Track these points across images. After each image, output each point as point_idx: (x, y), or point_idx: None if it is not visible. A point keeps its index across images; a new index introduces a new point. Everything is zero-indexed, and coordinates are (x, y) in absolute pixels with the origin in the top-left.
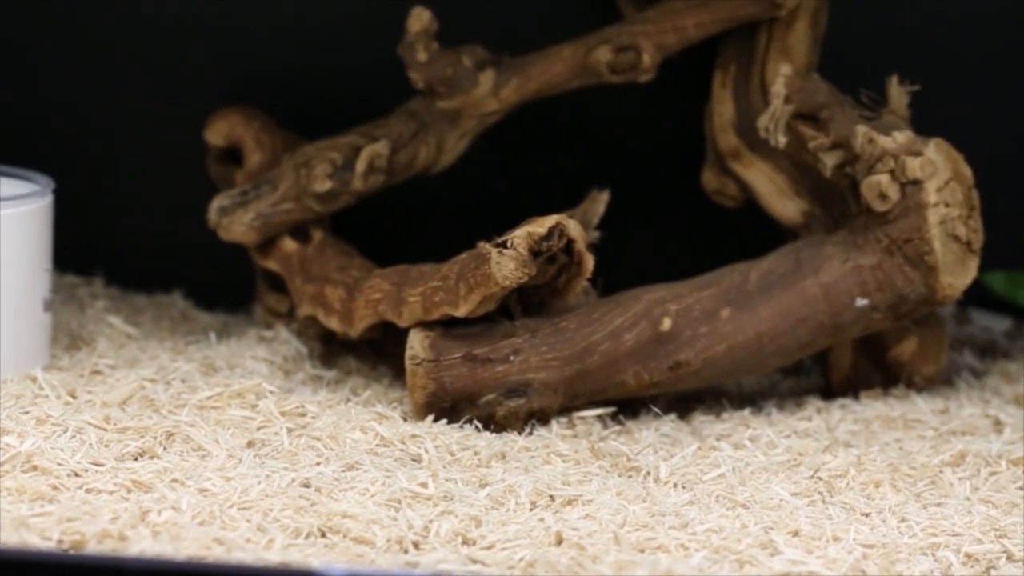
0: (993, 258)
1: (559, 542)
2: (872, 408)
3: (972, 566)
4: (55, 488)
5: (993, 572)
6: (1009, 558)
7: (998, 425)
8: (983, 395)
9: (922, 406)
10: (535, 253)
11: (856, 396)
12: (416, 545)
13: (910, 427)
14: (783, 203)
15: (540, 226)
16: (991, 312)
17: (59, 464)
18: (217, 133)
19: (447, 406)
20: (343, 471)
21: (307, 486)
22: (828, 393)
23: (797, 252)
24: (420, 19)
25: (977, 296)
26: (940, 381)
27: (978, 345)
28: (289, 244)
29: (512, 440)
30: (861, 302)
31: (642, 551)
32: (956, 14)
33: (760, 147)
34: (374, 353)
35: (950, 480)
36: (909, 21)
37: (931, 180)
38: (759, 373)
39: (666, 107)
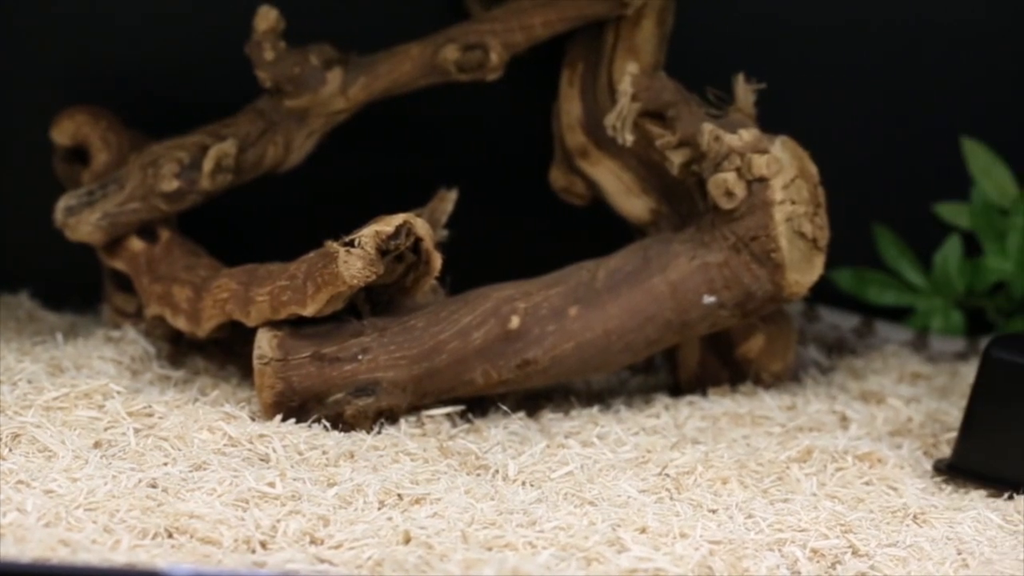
0: (840, 255)
1: (407, 541)
2: (720, 405)
3: (818, 561)
4: None
5: (839, 567)
6: (855, 553)
7: (844, 421)
8: (830, 391)
9: (769, 403)
10: (383, 252)
11: (704, 393)
12: (263, 545)
13: (757, 424)
14: (631, 201)
15: (388, 225)
16: (840, 310)
17: None
18: (63, 132)
19: (295, 405)
20: (190, 471)
21: (154, 486)
22: (676, 390)
23: (645, 250)
24: (267, 18)
25: (826, 293)
26: (787, 378)
27: (827, 342)
28: (136, 244)
29: (361, 439)
30: (708, 299)
31: (490, 549)
32: (801, 14)
33: (607, 145)
34: (222, 353)
35: (797, 476)
36: (755, 20)
37: (777, 178)
38: (608, 371)
39: (514, 106)
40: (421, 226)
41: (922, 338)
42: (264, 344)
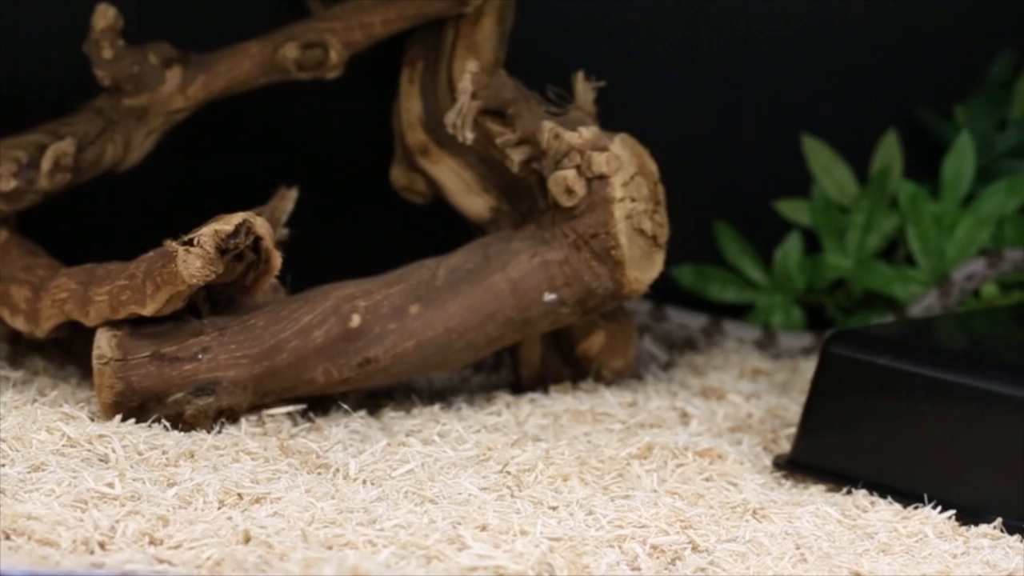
0: (682, 252)
1: (247, 540)
2: (561, 402)
3: (658, 557)
4: None
5: (678, 563)
6: (695, 549)
7: (685, 417)
8: (670, 388)
9: (610, 399)
10: (222, 251)
11: (545, 390)
12: (102, 546)
13: (598, 420)
14: (471, 199)
15: (227, 223)
16: (689, 310)
17: None
18: None
19: (135, 405)
20: (28, 472)
21: None
22: (518, 388)
23: (485, 248)
24: (105, 16)
25: (669, 291)
26: (628, 375)
27: (676, 342)
28: None
29: (201, 439)
30: (549, 297)
31: (330, 548)
32: (642, 11)
33: (448, 143)
34: (62, 353)
35: (637, 472)
36: (595, 18)
37: (617, 175)
38: (449, 368)
39: (354, 104)
40: (261, 225)
41: (770, 336)
42: (103, 344)
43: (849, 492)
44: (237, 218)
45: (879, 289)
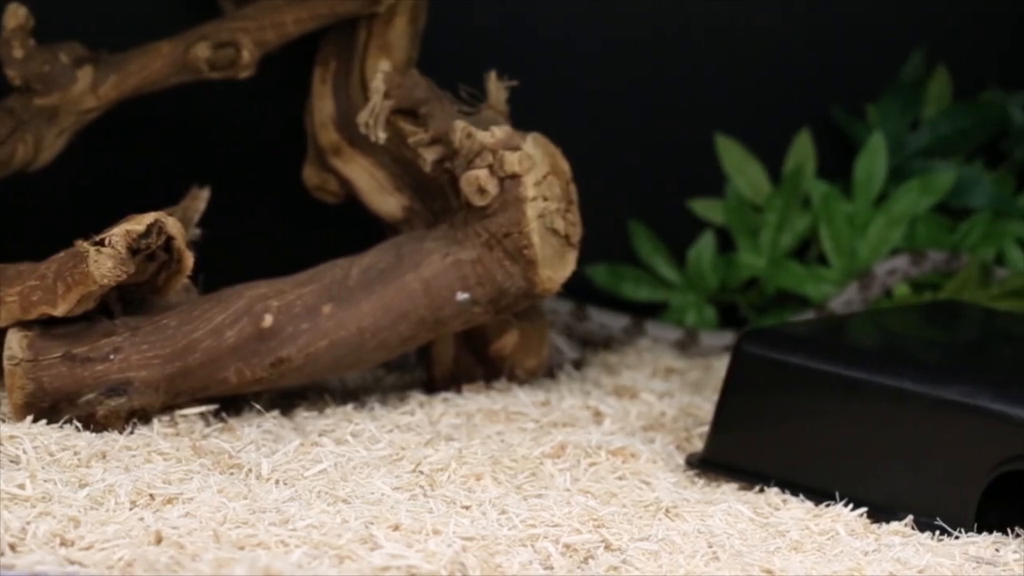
0: (597, 251)
1: (158, 541)
2: (474, 401)
3: (571, 556)
4: None
5: (591, 562)
6: (607, 547)
7: (598, 416)
8: (584, 387)
9: (523, 398)
10: (134, 251)
11: (459, 390)
12: (13, 547)
13: (512, 420)
14: (384, 198)
15: (138, 223)
16: (610, 310)
17: None
18: None
19: (46, 406)
20: None
21: None
22: (431, 387)
23: (398, 247)
24: (16, 15)
25: (583, 289)
26: (541, 374)
27: (599, 342)
28: None
29: (113, 439)
30: (462, 296)
31: (242, 548)
32: (555, 11)
33: (360, 143)
34: None
35: (550, 471)
36: (508, 17)
37: (529, 174)
38: (362, 368)
39: (267, 104)
40: (172, 225)
41: (692, 336)
42: (14, 345)
43: (762, 490)
44: (149, 218)
45: (791, 288)
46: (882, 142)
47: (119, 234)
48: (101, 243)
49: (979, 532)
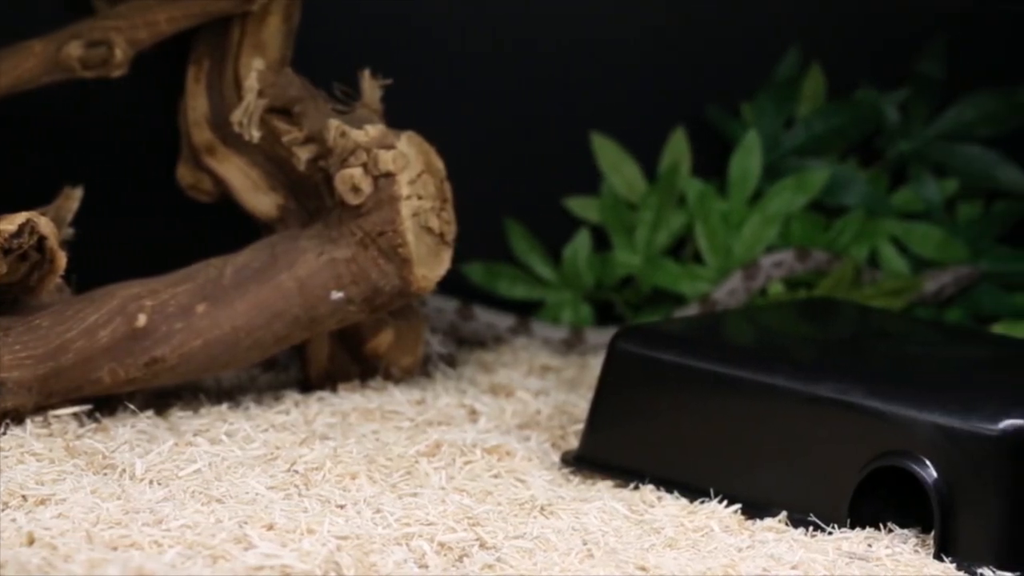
0: (474, 249)
1: (31, 542)
2: (350, 400)
3: (445, 555)
4: None
5: (466, 560)
6: (482, 546)
7: (473, 414)
8: (459, 385)
9: (399, 397)
10: (5, 251)
11: (334, 389)
12: None
13: (387, 418)
14: (258, 197)
15: (10, 223)
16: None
17: None
18: None
19: None
20: None
21: None
22: (306, 386)
23: (272, 246)
24: None
25: (461, 288)
26: (417, 372)
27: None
28: None
29: None
30: (336, 295)
31: (115, 549)
32: (429, 10)
33: (234, 142)
34: None
35: (425, 470)
36: (383, 16)
37: (403, 173)
38: (236, 367)
39: (141, 103)
40: (45, 224)
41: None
42: None
43: (636, 487)
44: (20, 218)
45: (667, 286)
46: (756, 140)
47: None
48: None
49: (852, 528)
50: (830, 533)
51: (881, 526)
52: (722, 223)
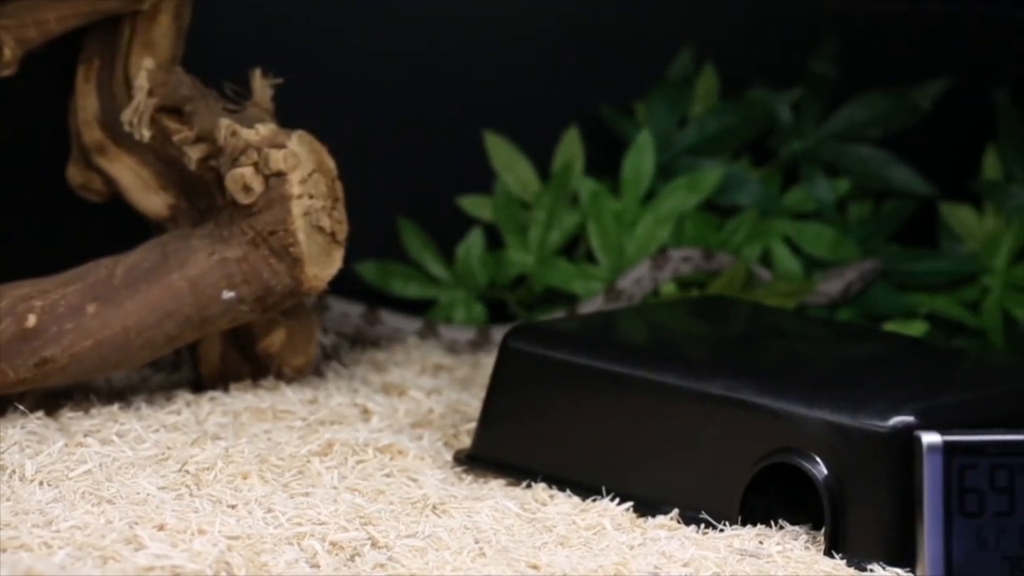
0: (368, 248)
1: None
2: (242, 400)
3: (337, 554)
4: None
5: (358, 559)
6: (374, 545)
7: (366, 414)
8: (352, 384)
9: (291, 397)
10: None
11: (226, 388)
12: None
13: (279, 418)
14: (148, 197)
15: None
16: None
17: None
18: None
19: None
20: None
21: None
22: (198, 386)
23: (163, 246)
24: None
25: (354, 287)
26: (309, 372)
27: (342, 332)
28: None
29: None
30: (228, 295)
31: (4, 550)
32: (321, 9)
33: (125, 141)
34: None
35: (318, 470)
36: (275, 16)
37: (294, 172)
38: (128, 367)
39: (30, 102)
40: None
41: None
42: None
43: (529, 486)
44: None
45: (560, 286)
46: (650, 140)
47: None
48: None
49: (744, 525)
50: (722, 530)
51: (772, 523)
52: (615, 223)
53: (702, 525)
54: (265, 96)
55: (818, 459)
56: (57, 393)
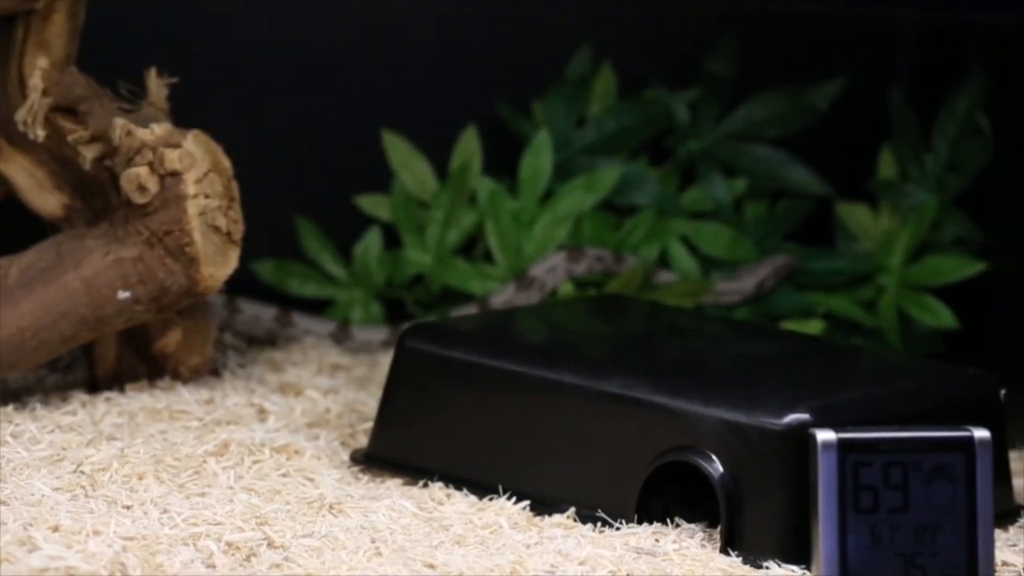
0: (266, 248)
1: None
2: (138, 400)
3: (233, 554)
4: None
5: (254, 559)
6: (270, 545)
7: (262, 413)
8: (248, 384)
9: (187, 397)
10: None
11: (122, 389)
12: None
13: (175, 418)
14: (43, 197)
15: None
16: (261, 302)
17: None
18: None
19: None
20: None
21: None
22: (94, 387)
23: (59, 246)
24: None
25: (253, 286)
26: (206, 372)
27: (253, 335)
28: None
29: None
30: (123, 295)
31: None
32: (217, 9)
33: (19, 141)
34: None
35: (214, 470)
36: (172, 15)
37: (190, 172)
38: (23, 368)
39: None
40: None
41: (344, 329)
42: None
43: (426, 485)
44: None
45: (457, 285)
46: (547, 140)
47: None
48: None
49: (641, 523)
50: (618, 529)
51: (669, 521)
52: (513, 222)
53: (599, 523)
54: (160, 95)
55: (714, 457)
56: None
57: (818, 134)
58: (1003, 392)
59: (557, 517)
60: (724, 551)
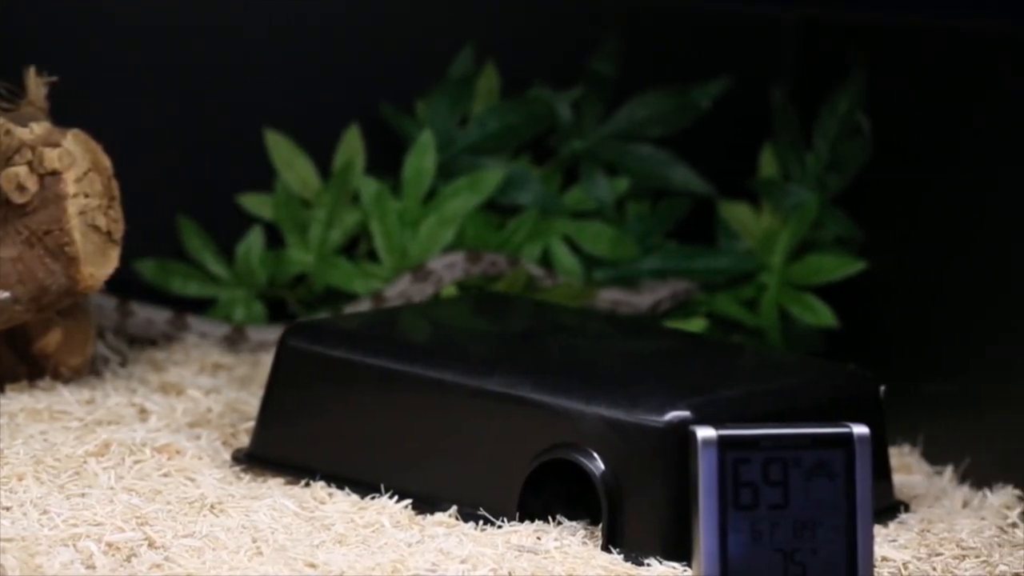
0: (150, 247)
1: None
2: (17, 401)
3: (113, 555)
4: None
5: (134, 560)
6: (151, 545)
7: (144, 413)
8: (130, 384)
9: (68, 397)
10: None
11: (2, 389)
12: None
13: (56, 419)
14: None
15: None
16: (154, 304)
17: None
18: None
19: None
20: None
21: None
22: None
23: None
24: None
25: (135, 286)
26: (86, 372)
27: (146, 337)
28: None
29: None
30: (3, 295)
31: None
32: (100, 8)
33: None
34: None
35: (94, 470)
36: (54, 13)
37: (70, 171)
38: None
39: None
40: None
41: (239, 331)
42: None
43: (308, 484)
44: None
45: (340, 285)
46: (431, 139)
47: None
48: None
49: (522, 521)
50: (500, 527)
51: (550, 519)
52: (398, 223)
53: (480, 522)
54: (39, 94)
55: (595, 455)
56: None
57: (701, 133)
58: (882, 389)
59: (439, 516)
60: (605, 549)
